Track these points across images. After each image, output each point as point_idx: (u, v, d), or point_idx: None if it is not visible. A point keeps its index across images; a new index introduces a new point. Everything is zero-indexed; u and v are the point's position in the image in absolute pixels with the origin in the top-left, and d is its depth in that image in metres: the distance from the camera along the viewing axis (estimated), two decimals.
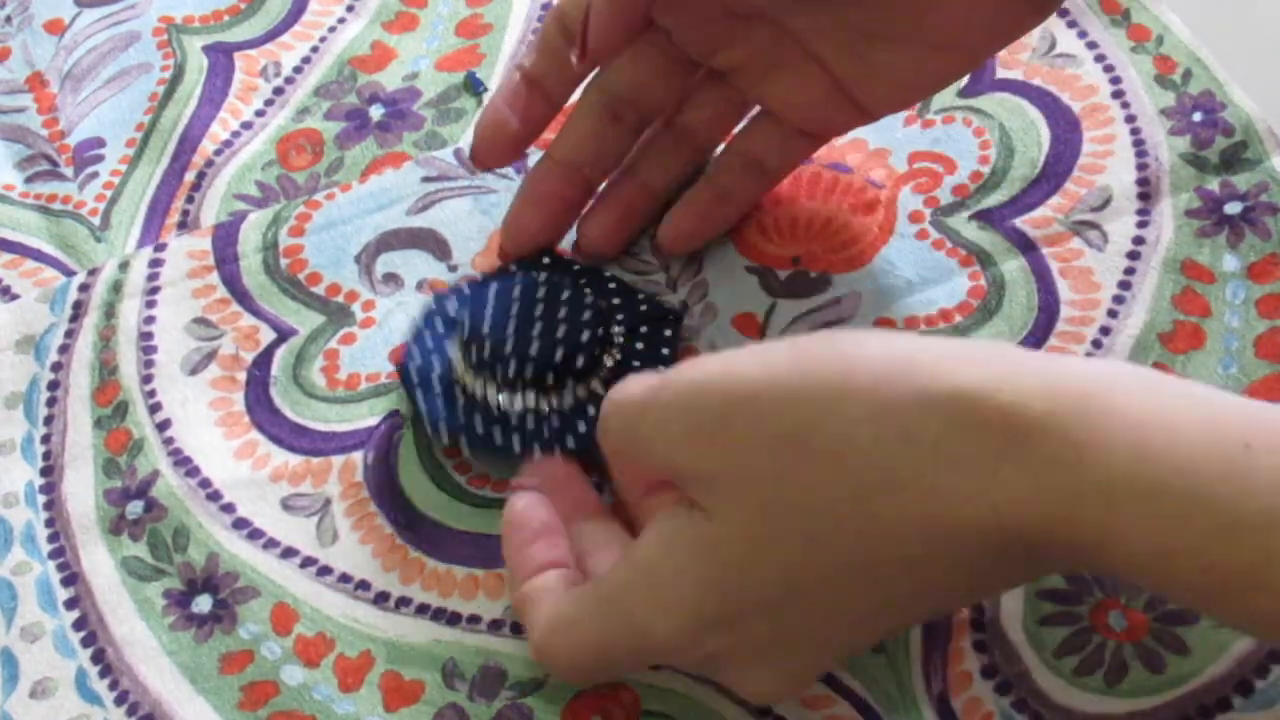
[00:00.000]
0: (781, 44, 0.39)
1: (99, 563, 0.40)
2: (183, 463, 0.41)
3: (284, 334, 0.44)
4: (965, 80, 0.47)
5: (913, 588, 0.29)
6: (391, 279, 0.45)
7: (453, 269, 0.45)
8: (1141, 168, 0.44)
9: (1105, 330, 0.41)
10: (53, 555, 0.40)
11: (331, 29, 0.52)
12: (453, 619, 0.38)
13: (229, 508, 0.40)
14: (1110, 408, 0.27)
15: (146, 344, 0.44)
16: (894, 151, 0.46)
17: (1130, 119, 0.45)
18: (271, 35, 0.52)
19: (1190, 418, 0.26)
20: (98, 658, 0.38)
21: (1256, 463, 0.25)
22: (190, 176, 0.48)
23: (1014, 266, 0.43)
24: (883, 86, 0.39)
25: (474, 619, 0.38)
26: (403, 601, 0.38)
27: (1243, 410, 0.27)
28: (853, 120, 0.40)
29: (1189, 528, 0.26)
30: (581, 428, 0.38)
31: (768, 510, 0.29)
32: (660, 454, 0.31)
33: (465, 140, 0.48)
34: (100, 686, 0.38)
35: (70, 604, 0.39)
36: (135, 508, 0.41)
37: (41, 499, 0.41)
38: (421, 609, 0.38)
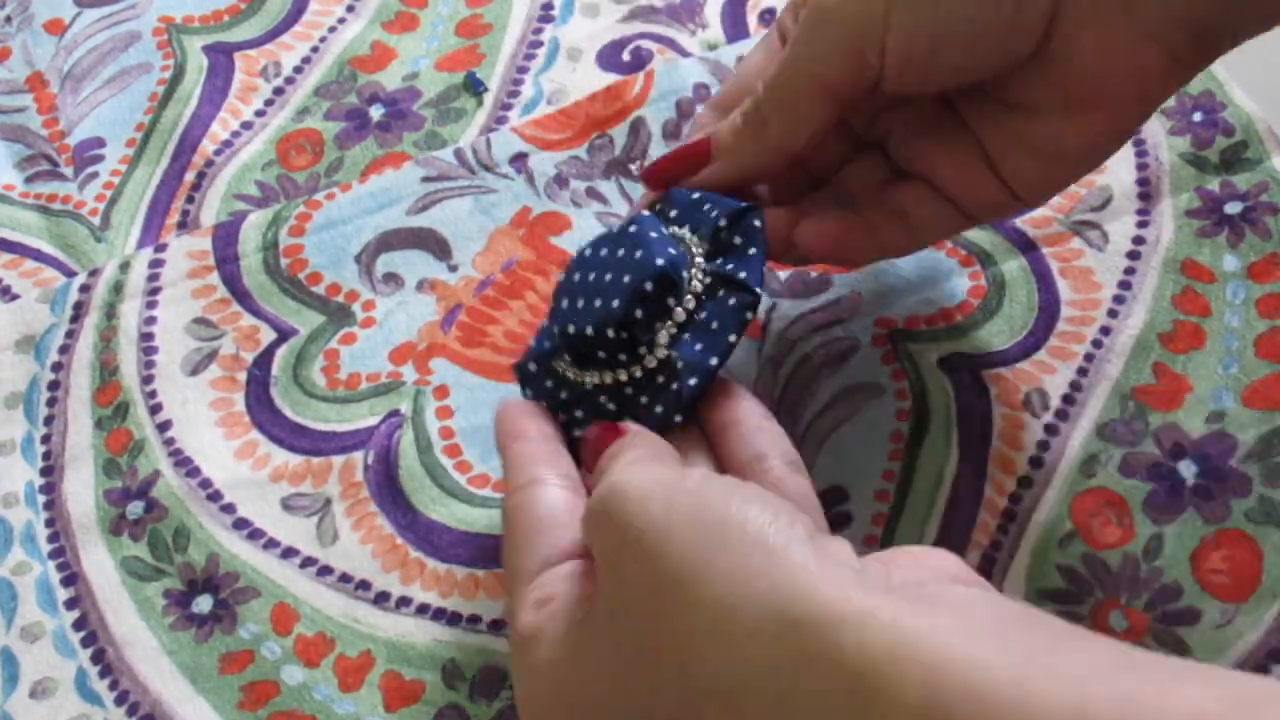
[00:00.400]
0: (941, 114, 0.36)
1: (99, 563, 0.40)
2: (183, 463, 0.41)
3: (284, 334, 0.44)
4: None
5: None
6: (392, 279, 0.45)
7: (453, 269, 0.45)
8: (1141, 168, 0.44)
9: (1105, 330, 0.41)
10: (53, 555, 0.40)
11: (331, 29, 0.52)
12: (453, 619, 0.38)
13: (229, 508, 0.40)
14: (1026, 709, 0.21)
15: (147, 344, 0.44)
16: None
17: None
18: (271, 35, 0.52)
19: None
20: (98, 658, 0.38)
21: None
22: (190, 176, 0.48)
23: (1014, 266, 0.43)
24: (1025, 160, 0.35)
25: (474, 619, 0.38)
26: (403, 601, 0.38)
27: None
28: (1004, 203, 0.36)
29: None
30: (644, 399, 0.35)
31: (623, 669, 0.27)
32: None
33: (465, 140, 0.48)
34: (100, 686, 0.38)
35: (70, 604, 0.39)
36: (135, 508, 0.41)
37: (41, 499, 0.41)
38: (421, 609, 0.38)
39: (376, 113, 0.49)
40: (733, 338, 0.34)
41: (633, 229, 0.35)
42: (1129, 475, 0.38)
